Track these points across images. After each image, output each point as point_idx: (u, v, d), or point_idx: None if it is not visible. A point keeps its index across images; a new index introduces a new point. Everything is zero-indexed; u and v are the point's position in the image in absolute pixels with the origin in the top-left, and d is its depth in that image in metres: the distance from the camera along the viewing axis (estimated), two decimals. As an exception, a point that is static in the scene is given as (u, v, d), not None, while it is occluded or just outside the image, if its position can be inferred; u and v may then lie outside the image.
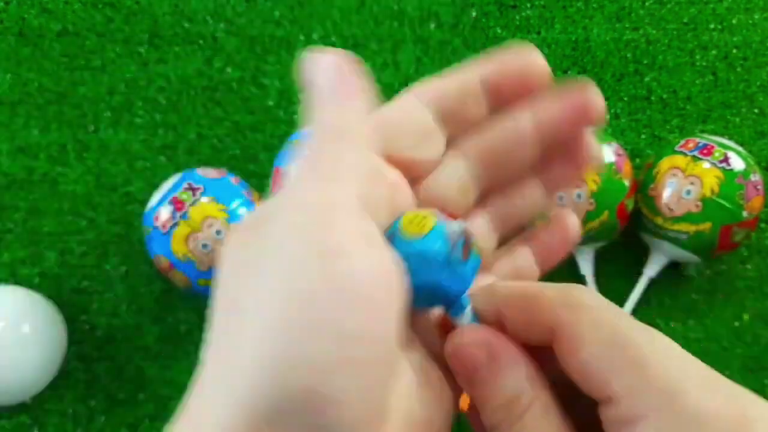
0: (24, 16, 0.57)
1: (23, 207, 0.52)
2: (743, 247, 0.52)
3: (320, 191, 0.16)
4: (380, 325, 0.16)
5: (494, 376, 0.18)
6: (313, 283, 0.15)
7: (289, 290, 0.15)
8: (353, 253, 0.16)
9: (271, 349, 0.15)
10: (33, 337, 0.45)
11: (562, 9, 0.59)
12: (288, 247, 0.16)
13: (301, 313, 0.15)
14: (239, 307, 0.16)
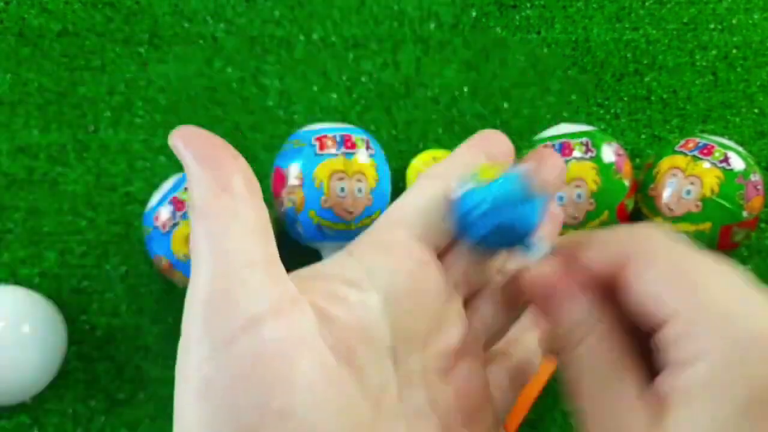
0: (24, 16, 0.57)
1: (23, 207, 0.52)
2: (743, 248, 0.52)
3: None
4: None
5: (560, 304, 0.20)
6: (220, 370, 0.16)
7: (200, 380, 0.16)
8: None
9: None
10: (33, 337, 0.45)
11: (562, 9, 0.59)
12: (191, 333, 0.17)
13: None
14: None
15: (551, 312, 0.20)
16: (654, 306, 0.18)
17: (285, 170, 0.46)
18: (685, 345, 0.17)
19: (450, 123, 0.56)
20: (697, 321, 0.17)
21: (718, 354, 0.16)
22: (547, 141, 0.47)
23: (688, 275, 0.18)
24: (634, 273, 0.19)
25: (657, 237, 0.19)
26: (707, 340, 0.17)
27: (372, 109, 0.56)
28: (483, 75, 0.57)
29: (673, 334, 0.17)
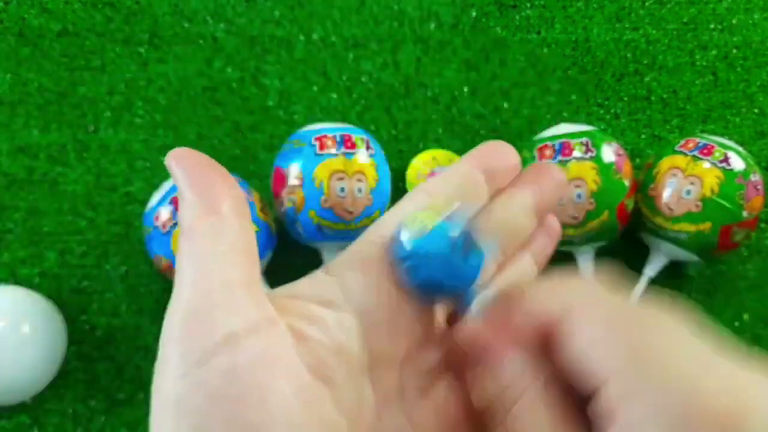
0: (24, 16, 0.57)
1: (23, 207, 0.52)
2: (743, 247, 0.52)
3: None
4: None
5: (492, 363, 0.19)
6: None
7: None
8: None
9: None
10: (33, 337, 0.45)
11: (562, 9, 0.59)
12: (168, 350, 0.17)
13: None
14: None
15: (480, 374, 0.20)
16: (587, 368, 0.17)
17: (285, 170, 0.46)
18: (620, 413, 0.16)
19: (450, 123, 0.56)
20: (631, 389, 0.16)
21: (654, 426, 0.16)
22: (547, 141, 0.47)
23: (622, 336, 0.17)
24: (568, 331, 0.18)
25: (595, 293, 0.19)
26: (641, 410, 0.16)
27: (372, 109, 0.56)
28: (483, 75, 0.57)
29: (608, 401, 0.17)
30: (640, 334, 0.17)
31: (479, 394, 0.19)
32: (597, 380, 0.17)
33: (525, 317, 0.19)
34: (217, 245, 0.19)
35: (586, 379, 0.17)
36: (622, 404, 0.16)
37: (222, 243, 0.19)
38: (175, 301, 0.18)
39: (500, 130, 0.55)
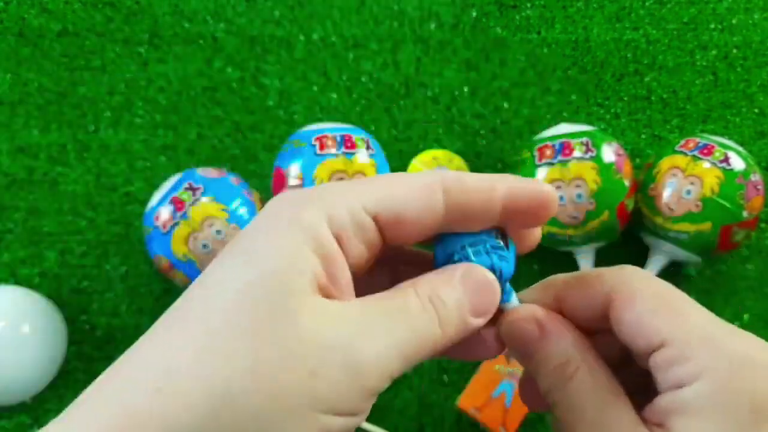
0: (24, 16, 0.57)
1: (23, 207, 0.52)
2: (743, 247, 0.52)
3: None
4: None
5: (545, 345, 0.21)
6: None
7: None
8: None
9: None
10: (33, 337, 0.45)
11: (562, 9, 0.59)
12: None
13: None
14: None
15: (537, 352, 0.21)
16: (647, 333, 0.19)
17: (285, 170, 0.46)
18: (681, 366, 0.18)
19: (450, 123, 0.56)
20: (690, 343, 0.18)
21: (716, 372, 0.18)
22: (547, 141, 0.47)
23: (673, 304, 0.19)
24: (621, 306, 0.20)
25: (637, 275, 0.21)
26: (703, 360, 0.18)
27: (372, 109, 0.56)
28: (483, 75, 0.57)
29: (669, 357, 0.18)
30: (685, 307, 0.19)
31: (540, 372, 0.21)
32: (654, 344, 0.19)
33: (575, 302, 0.21)
34: None
35: (643, 345, 0.19)
36: (680, 360, 0.18)
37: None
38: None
39: (500, 130, 0.55)
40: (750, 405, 0.17)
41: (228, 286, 0.17)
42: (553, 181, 0.45)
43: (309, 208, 0.18)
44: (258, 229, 0.19)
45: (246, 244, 0.18)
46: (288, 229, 0.18)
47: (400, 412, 0.48)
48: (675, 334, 0.19)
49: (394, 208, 0.19)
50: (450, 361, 0.49)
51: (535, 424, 0.47)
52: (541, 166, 0.46)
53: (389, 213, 0.19)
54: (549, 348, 0.21)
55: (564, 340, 0.21)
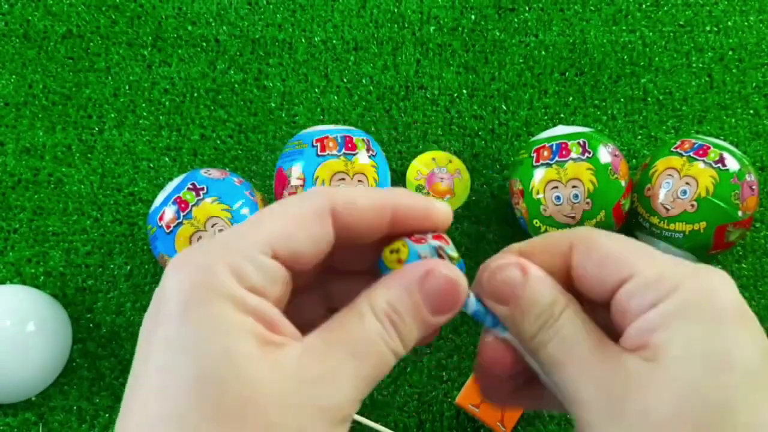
0: (28, 18, 0.58)
1: (29, 207, 0.52)
2: (738, 247, 0.53)
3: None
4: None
5: (530, 287, 0.21)
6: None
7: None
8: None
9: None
10: (38, 336, 0.45)
11: (559, 12, 0.60)
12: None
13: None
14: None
15: (522, 297, 0.21)
16: (616, 267, 0.20)
17: (287, 171, 0.47)
18: (656, 286, 0.19)
19: (449, 124, 0.56)
20: (661, 267, 0.19)
21: (693, 283, 0.19)
22: (544, 142, 0.47)
23: (635, 244, 0.21)
24: (586, 250, 0.21)
25: (589, 229, 0.22)
26: (677, 277, 0.19)
27: (372, 111, 0.56)
28: (482, 77, 0.58)
29: (641, 282, 0.19)
30: (645, 248, 0.20)
31: (526, 317, 0.21)
32: (629, 273, 0.20)
33: (547, 256, 0.22)
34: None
35: (616, 273, 0.20)
36: (652, 285, 0.19)
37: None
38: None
39: (498, 131, 0.56)
40: (729, 311, 0.18)
41: (175, 390, 0.17)
42: (550, 181, 0.46)
43: (214, 273, 0.18)
44: (176, 313, 0.18)
45: (174, 334, 0.18)
46: (208, 304, 0.18)
47: (400, 409, 0.48)
48: (644, 264, 0.20)
49: (289, 244, 0.19)
50: (449, 358, 0.49)
51: (533, 421, 0.48)
52: (539, 167, 0.46)
53: (285, 249, 0.19)
54: (535, 290, 0.21)
55: (548, 280, 0.21)
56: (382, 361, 0.19)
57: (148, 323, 0.19)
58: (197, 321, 0.18)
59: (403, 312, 0.20)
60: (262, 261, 0.19)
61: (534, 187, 0.46)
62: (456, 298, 0.20)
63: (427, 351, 0.50)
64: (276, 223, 0.20)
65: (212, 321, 0.18)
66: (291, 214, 0.20)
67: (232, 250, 0.19)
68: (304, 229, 0.20)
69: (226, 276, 0.18)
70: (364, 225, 0.21)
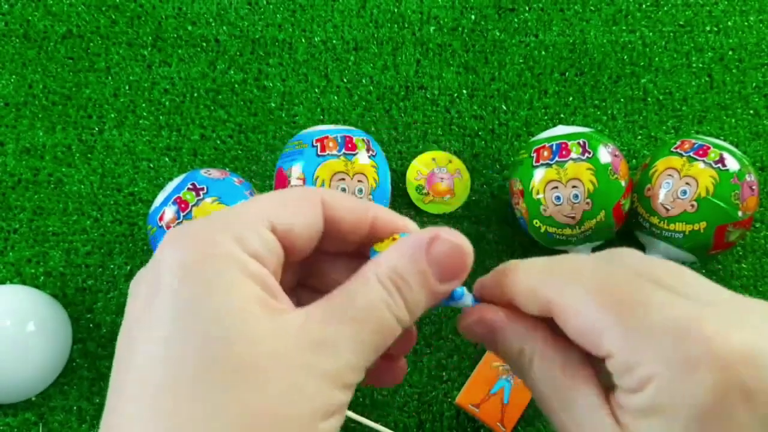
0: (28, 18, 0.58)
1: (29, 207, 0.52)
2: (738, 247, 0.53)
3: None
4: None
5: (499, 339, 0.22)
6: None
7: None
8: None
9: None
10: (38, 336, 0.45)
11: (559, 12, 0.60)
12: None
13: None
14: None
15: (495, 345, 0.22)
16: (592, 346, 0.19)
17: (287, 171, 0.47)
18: (631, 374, 0.18)
19: (449, 124, 0.56)
20: (635, 350, 0.18)
21: (663, 378, 0.17)
22: (544, 142, 0.47)
23: (613, 298, 0.19)
24: (562, 319, 0.20)
25: (563, 291, 0.20)
26: (649, 367, 0.18)
27: (372, 111, 0.56)
28: (482, 77, 0.58)
29: (617, 366, 0.18)
30: (630, 299, 0.19)
31: (505, 363, 0.22)
32: (603, 355, 0.19)
33: (524, 296, 0.21)
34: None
35: (593, 350, 0.19)
36: (630, 368, 0.18)
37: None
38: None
39: (498, 131, 0.56)
40: (696, 412, 0.17)
41: (179, 354, 0.17)
42: (550, 181, 0.46)
43: (216, 240, 0.18)
44: (180, 276, 0.18)
45: (177, 298, 0.18)
46: (211, 265, 0.18)
47: (400, 409, 0.48)
48: (617, 344, 0.18)
49: (286, 219, 0.20)
50: (449, 358, 0.49)
51: (533, 421, 0.48)
52: (539, 167, 0.47)
53: (282, 224, 0.20)
54: (503, 341, 0.22)
55: (513, 331, 0.21)
56: (385, 326, 0.19)
57: (143, 291, 0.18)
58: (202, 281, 0.18)
59: (409, 278, 0.20)
60: (263, 232, 0.19)
61: (534, 187, 0.46)
62: (463, 264, 0.20)
63: (427, 351, 0.50)
64: (273, 202, 0.20)
65: (217, 281, 0.18)
66: (286, 196, 0.20)
67: (232, 221, 0.19)
68: (299, 210, 0.20)
69: (229, 242, 0.18)
70: (348, 221, 0.21)
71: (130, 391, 0.17)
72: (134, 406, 0.17)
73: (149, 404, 0.17)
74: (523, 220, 0.49)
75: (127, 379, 0.17)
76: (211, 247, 0.18)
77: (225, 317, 0.17)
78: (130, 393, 0.17)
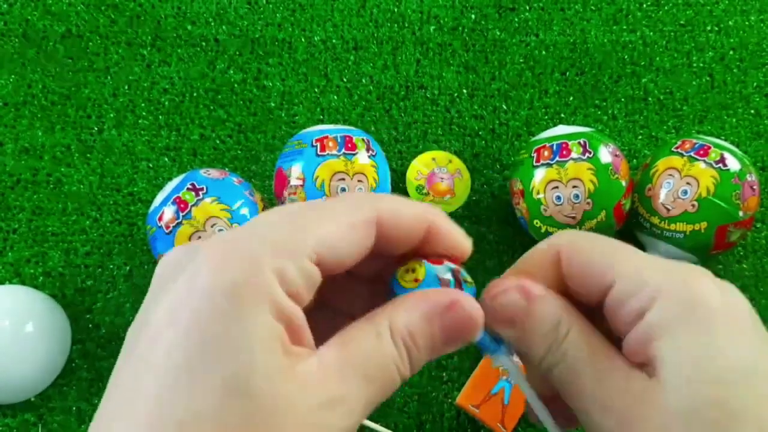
0: (28, 18, 0.58)
1: (28, 207, 0.52)
2: (739, 247, 0.53)
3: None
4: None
5: (534, 310, 0.21)
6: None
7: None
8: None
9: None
10: (37, 336, 0.45)
11: (560, 11, 0.60)
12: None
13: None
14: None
15: (526, 320, 0.21)
16: (597, 274, 0.20)
17: (287, 171, 0.47)
18: (638, 294, 0.19)
19: (449, 124, 0.56)
20: (640, 271, 0.20)
21: (671, 288, 0.19)
22: (544, 142, 0.47)
23: (613, 245, 0.21)
24: (568, 257, 0.21)
25: (576, 232, 0.22)
26: (656, 282, 0.19)
27: (372, 111, 0.56)
28: (482, 77, 0.58)
29: (624, 290, 0.19)
30: (624, 248, 0.21)
31: (534, 338, 0.21)
32: (607, 283, 0.20)
33: (533, 257, 0.22)
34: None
35: (597, 286, 0.20)
36: (635, 291, 0.19)
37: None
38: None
39: (499, 131, 0.56)
40: (711, 315, 0.18)
41: (200, 389, 0.16)
42: (550, 181, 0.46)
43: (260, 269, 0.17)
44: (216, 301, 0.17)
45: (206, 325, 0.17)
46: (249, 302, 0.17)
47: (400, 410, 0.48)
48: (623, 267, 0.20)
49: (336, 252, 0.19)
50: (449, 359, 0.49)
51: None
52: (539, 167, 0.46)
53: (331, 257, 0.19)
54: (539, 312, 0.21)
55: (552, 302, 0.21)
56: (391, 385, 0.19)
57: (172, 297, 0.17)
58: (231, 311, 0.17)
59: (419, 339, 0.19)
60: (308, 267, 0.18)
61: (534, 187, 0.46)
62: (471, 334, 0.20)
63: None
64: (326, 228, 0.19)
65: (249, 323, 0.17)
66: (341, 221, 0.19)
67: (280, 249, 0.18)
68: (353, 237, 0.19)
69: (271, 276, 0.17)
70: (402, 235, 0.20)
71: (128, 395, 0.17)
72: (132, 410, 0.17)
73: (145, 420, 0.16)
74: (524, 220, 0.48)
75: (121, 410, 0.17)
76: (255, 274, 0.17)
77: (250, 365, 0.16)
78: (127, 397, 0.17)
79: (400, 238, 0.20)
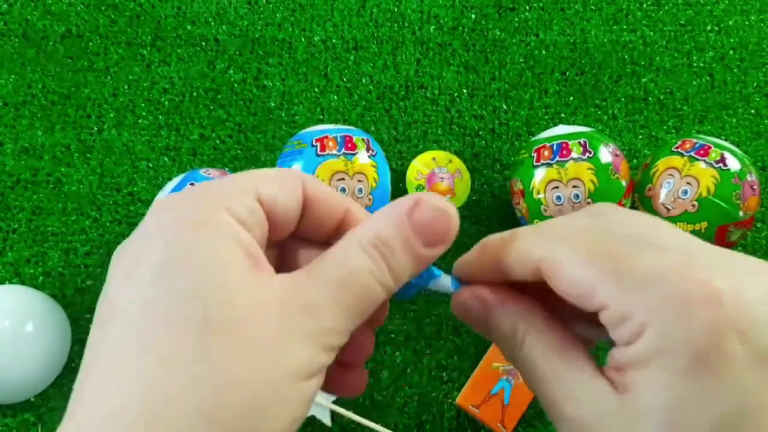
0: (28, 18, 0.58)
1: (28, 207, 0.52)
2: (739, 247, 0.53)
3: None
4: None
5: (491, 318, 0.22)
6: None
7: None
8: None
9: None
10: (37, 336, 0.45)
11: (560, 11, 0.60)
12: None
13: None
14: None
15: (488, 326, 0.22)
16: (584, 300, 0.19)
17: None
18: (624, 325, 0.18)
19: (449, 124, 0.56)
20: (628, 300, 0.18)
21: (655, 326, 0.17)
22: (545, 142, 0.47)
23: (603, 252, 0.19)
24: (552, 276, 0.20)
25: (551, 247, 0.20)
26: (642, 315, 0.18)
27: (372, 111, 0.56)
28: (482, 76, 0.58)
29: (611, 318, 0.18)
30: (616, 253, 0.19)
31: (497, 342, 0.22)
32: (595, 308, 0.19)
33: (517, 260, 0.21)
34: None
35: (586, 308, 0.19)
36: (623, 319, 0.18)
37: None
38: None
39: (499, 131, 0.56)
40: (691, 356, 0.17)
41: (163, 312, 0.17)
42: (550, 181, 0.46)
43: (205, 206, 0.19)
44: (173, 242, 0.18)
45: (165, 259, 0.18)
46: (203, 229, 0.18)
47: (400, 410, 0.48)
48: (610, 294, 0.18)
49: (272, 191, 0.20)
50: (449, 359, 0.49)
51: (533, 421, 0.47)
52: (539, 167, 0.46)
53: (268, 196, 0.20)
54: (494, 321, 0.22)
55: (507, 310, 0.21)
56: (368, 292, 0.19)
57: (128, 255, 0.19)
58: (187, 244, 0.18)
59: (393, 244, 0.19)
60: (249, 201, 0.19)
61: (535, 187, 0.46)
62: (448, 228, 0.20)
63: (427, 352, 0.49)
64: (258, 175, 0.21)
65: (203, 243, 0.18)
66: (270, 173, 0.21)
67: (217, 190, 0.20)
68: (282, 184, 0.21)
69: (216, 208, 0.19)
70: (324, 205, 0.21)
71: (104, 357, 0.17)
72: (107, 372, 0.17)
73: (121, 373, 0.17)
74: (524, 220, 0.48)
75: (104, 342, 0.17)
76: (198, 213, 0.18)
77: (209, 275, 0.17)
78: (103, 359, 0.17)
79: (322, 212, 0.21)
